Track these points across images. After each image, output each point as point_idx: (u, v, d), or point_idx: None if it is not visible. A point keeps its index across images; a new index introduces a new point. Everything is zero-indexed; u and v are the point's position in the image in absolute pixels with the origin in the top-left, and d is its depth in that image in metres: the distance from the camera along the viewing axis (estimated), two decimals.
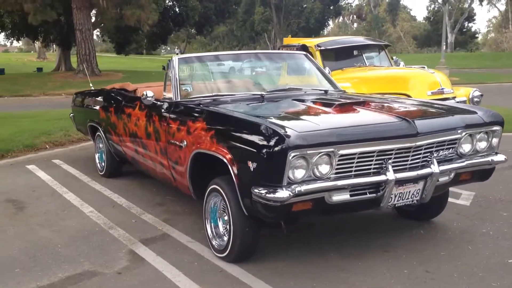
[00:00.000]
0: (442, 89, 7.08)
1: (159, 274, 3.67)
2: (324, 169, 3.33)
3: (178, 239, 4.32)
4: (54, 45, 40.42)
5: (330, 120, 3.66)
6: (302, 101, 4.29)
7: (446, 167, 3.72)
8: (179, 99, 4.54)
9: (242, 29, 60.99)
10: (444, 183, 3.87)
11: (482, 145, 4.01)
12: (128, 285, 3.54)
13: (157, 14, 25.49)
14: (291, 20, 56.01)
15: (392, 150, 3.49)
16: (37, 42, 42.35)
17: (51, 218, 4.95)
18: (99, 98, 6.34)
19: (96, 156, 6.66)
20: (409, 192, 3.64)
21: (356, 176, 3.45)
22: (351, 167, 3.42)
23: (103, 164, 6.46)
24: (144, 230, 4.55)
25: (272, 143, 3.17)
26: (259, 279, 3.55)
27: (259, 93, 4.60)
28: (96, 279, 3.63)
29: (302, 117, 3.71)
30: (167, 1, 34.06)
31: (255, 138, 3.33)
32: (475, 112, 4.00)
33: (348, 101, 4.16)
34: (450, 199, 5.23)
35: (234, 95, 4.62)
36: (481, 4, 64.16)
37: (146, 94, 4.64)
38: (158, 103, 4.71)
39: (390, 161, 3.48)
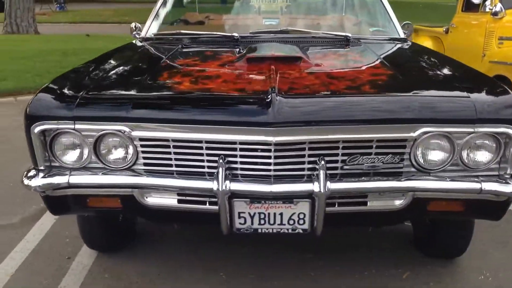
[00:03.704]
0: None
1: (12, 241, 3.13)
2: (117, 155, 2.21)
3: None
4: None
5: (162, 83, 2.39)
6: (261, 49, 2.94)
7: (343, 187, 2.11)
8: (144, 35, 3.67)
9: None
10: (384, 211, 2.25)
11: (480, 156, 2.17)
12: None
13: None
14: None
15: (231, 143, 2.10)
16: None
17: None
18: None
19: None
20: (281, 215, 2.19)
21: (180, 174, 2.22)
22: (169, 159, 2.20)
23: None
24: None
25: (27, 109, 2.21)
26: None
27: (231, 35, 3.37)
28: None
29: (163, 75, 2.53)
30: None
31: None
32: (465, 96, 2.14)
33: (290, 55, 2.69)
34: None
35: (201, 35, 3.49)
36: None
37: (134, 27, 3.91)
38: None
39: (225, 160, 2.11)
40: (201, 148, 2.13)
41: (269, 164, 2.11)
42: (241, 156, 2.12)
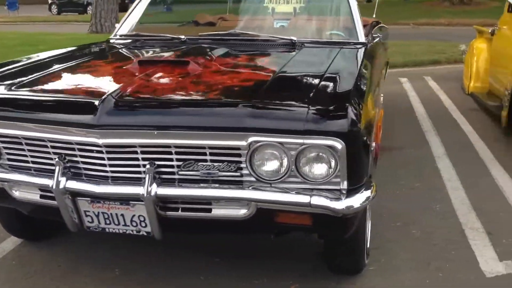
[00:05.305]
0: None
1: None
2: None
3: None
4: None
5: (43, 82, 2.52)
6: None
7: (174, 192, 2.12)
8: (112, 36, 3.85)
9: None
10: (229, 220, 2.21)
11: (317, 169, 2.06)
12: None
13: None
14: None
15: (69, 143, 2.17)
16: None
17: None
18: None
19: None
20: (122, 215, 2.22)
21: (37, 171, 2.32)
22: (25, 155, 2.32)
23: None
24: None
25: None
26: None
27: (178, 36, 3.44)
28: None
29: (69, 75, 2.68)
30: None
31: None
32: (302, 106, 2.04)
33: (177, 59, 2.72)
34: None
35: (154, 36, 3.61)
36: None
37: None
38: None
39: (65, 160, 2.19)
40: (46, 146, 2.23)
41: (105, 165, 2.16)
42: (81, 156, 2.19)
